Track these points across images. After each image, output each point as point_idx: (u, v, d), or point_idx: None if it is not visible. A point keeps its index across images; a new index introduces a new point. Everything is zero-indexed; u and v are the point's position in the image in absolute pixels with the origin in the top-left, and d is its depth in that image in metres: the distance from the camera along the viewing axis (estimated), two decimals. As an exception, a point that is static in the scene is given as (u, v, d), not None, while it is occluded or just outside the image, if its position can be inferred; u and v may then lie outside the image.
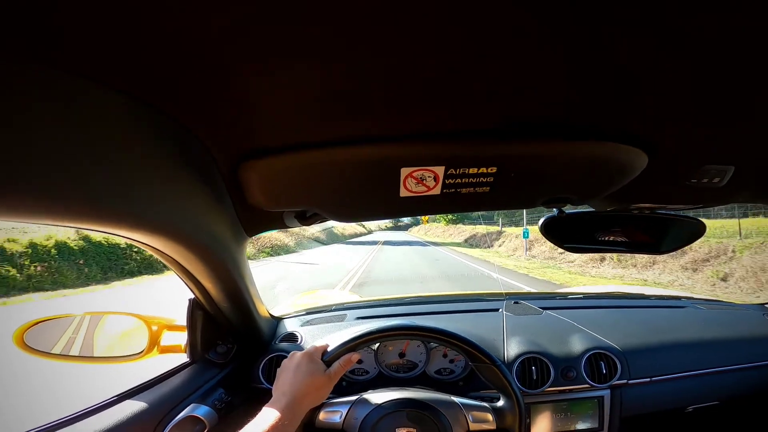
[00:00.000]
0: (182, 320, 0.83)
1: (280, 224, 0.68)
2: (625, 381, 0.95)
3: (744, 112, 0.44)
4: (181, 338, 0.85)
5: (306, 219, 0.63)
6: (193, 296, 0.77)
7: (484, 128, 0.44)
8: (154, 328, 0.80)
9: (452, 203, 0.57)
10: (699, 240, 0.75)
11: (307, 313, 1.21)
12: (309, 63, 0.31)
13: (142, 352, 0.83)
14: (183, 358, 0.87)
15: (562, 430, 0.92)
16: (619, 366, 0.95)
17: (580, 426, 0.93)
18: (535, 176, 0.53)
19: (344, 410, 0.76)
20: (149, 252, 0.56)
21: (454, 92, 0.37)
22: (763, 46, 0.32)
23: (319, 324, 1.12)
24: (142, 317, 0.80)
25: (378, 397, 0.77)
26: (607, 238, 0.75)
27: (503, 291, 1.37)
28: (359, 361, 1.01)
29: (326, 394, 0.69)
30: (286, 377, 0.65)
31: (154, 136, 0.38)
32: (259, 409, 0.66)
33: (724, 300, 1.46)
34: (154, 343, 0.83)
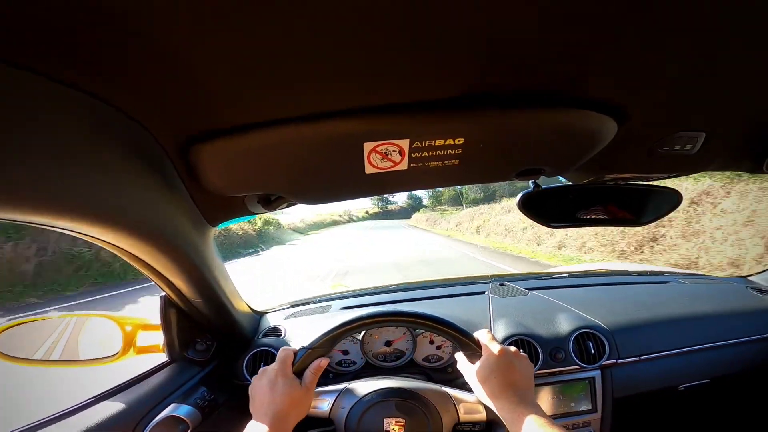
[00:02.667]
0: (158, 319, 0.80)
1: (244, 211, 0.65)
2: (614, 361, 0.95)
3: (713, 76, 0.43)
4: (159, 338, 0.83)
5: (270, 203, 0.61)
6: (164, 293, 0.74)
7: (448, 97, 0.42)
8: (128, 328, 0.77)
9: (421, 178, 0.55)
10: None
11: (291, 306, 1.19)
12: (253, 28, 0.29)
13: (117, 354, 0.80)
14: (164, 358, 0.85)
15: (555, 413, 0.91)
16: (607, 345, 0.95)
17: (574, 408, 0.92)
18: (503, 147, 0.51)
19: (331, 399, 0.75)
20: (108, 248, 0.53)
21: (415, 60, 0.35)
22: (733, 7, 0.31)
23: (304, 316, 1.10)
24: (114, 318, 0.78)
25: (365, 386, 0.76)
26: (585, 213, 0.74)
27: (489, 274, 1.36)
28: (345, 352, 0.99)
29: (309, 405, 0.66)
30: (263, 398, 0.62)
31: (88, 123, 0.35)
32: (244, 406, 0.64)
33: (706, 274, 1.47)
34: (129, 343, 0.81)
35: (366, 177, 0.51)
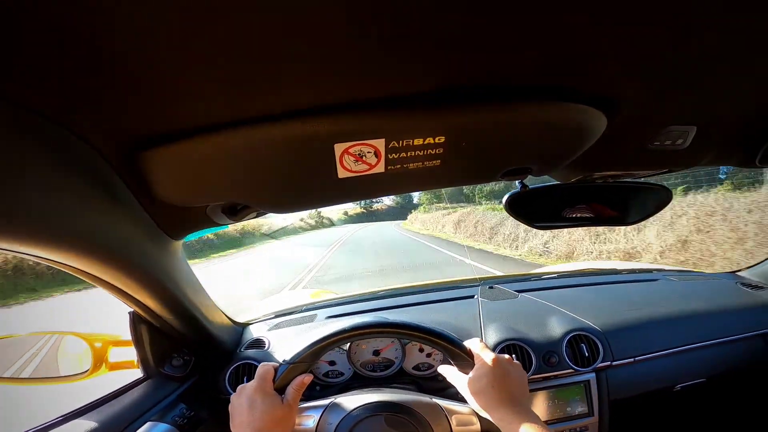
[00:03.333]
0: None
1: (209, 222, 0.60)
2: (608, 363, 0.92)
3: (706, 67, 0.41)
4: (134, 353, 0.79)
5: (236, 214, 0.57)
6: (132, 309, 0.70)
7: (427, 91, 0.39)
8: (98, 345, 0.74)
9: (400, 182, 0.52)
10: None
11: (275, 317, 1.15)
12: (201, 15, 0.25)
13: (87, 371, 0.77)
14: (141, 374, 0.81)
15: (551, 418, 0.88)
16: (600, 347, 0.93)
17: (570, 412, 0.90)
18: (488, 144, 0.47)
19: (317, 415, 0.71)
20: (59, 268, 0.49)
21: (388, 51, 0.32)
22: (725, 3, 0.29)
23: (288, 327, 1.06)
24: (82, 335, 0.74)
25: (353, 400, 0.72)
26: (574, 213, 0.72)
27: (477, 276, 1.34)
28: (332, 363, 0.96)
29: (292, 423, 0.63)
30: (242, 417, 0.59)
31: (17, 136, 0.31)
32: (228, 422, 0.61)
33: (695, 270, 1.46)
34: (100, 360, 0.77)
35: (339, 182, 0.47)
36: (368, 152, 0.43)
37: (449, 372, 0.67)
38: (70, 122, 0.35)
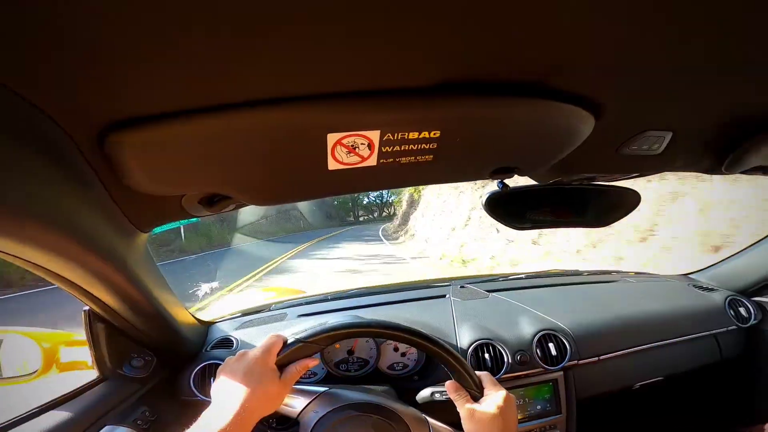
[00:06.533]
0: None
1: (182, 214, 0.56)
2: (575, 362, 0.95)
3: (686, 75, 0.42)
4: (87, 354, 0.73)
5: (214, 205, 0.53)
6: (87, 307, 0.64)
7: (425, 85, 0.38)
8: (45, 345, 0.67)
9: (392, 176, 0.50)
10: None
11: (242, 315, 1.11)
12: None
13: (36, 372, 0.70)
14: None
15: (522, 417, 0.90)
16: (568, 346, 0.95)
17: (540, 410, 0.92)
18: (481, 141, 0.47)
19: (306, 400, 0.68)
20: (8, 260, 0.43)
21: (389, 41, 0.30)
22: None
23: (257, 326, 1.02)
24: (28, 333, 0.67)
25: (347, 395, 0.70)
26: (549, 214, 0.74)
27: (448, 276, 1.36)
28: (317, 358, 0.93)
29: (280, 403, 0.59)
30: (233, 383, 0.54)
31: None
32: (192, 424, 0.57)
33: (649, 272, 1.54)
34: (50, 360, 0.71)
35: (329, 174, 0.45)
36: (362, 144, 0.41)
37: (458, 392, 0.65)
38: (33, 96, 0.31)
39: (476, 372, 0.68)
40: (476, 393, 0.64)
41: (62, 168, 0.37)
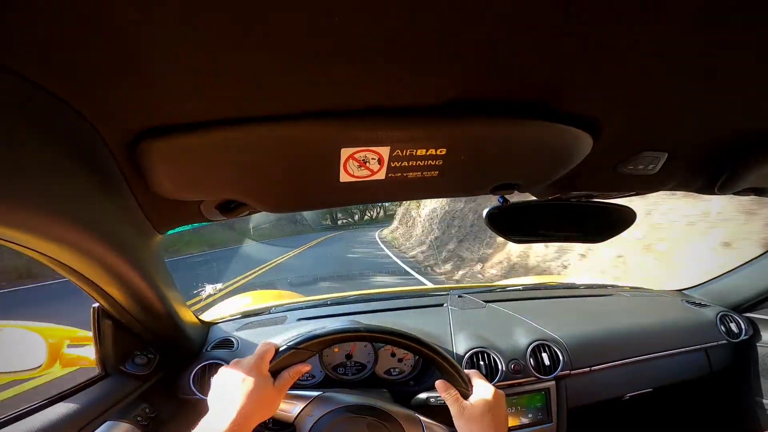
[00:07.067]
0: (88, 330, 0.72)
1: (198, 217, 0.58)
2: (568, 372, 0.97)
3: (683, 98, 0.44)
4: (90, 351, 0.74)
5: (230, 211, 0.55)
6: (97, 304, 0.66)
7: (433, 104, 0.40)
8: (51, 340, 0.68)
9: (398, 189, 0.52)
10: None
11: (243, 317, 1.12)
12: (219, 13, 0.25)
13: (40, 366, 0.71)
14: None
15: (513, 425, 0.91)
16: (561, 357, 0.97)
17: (531, 419, 0.94)
18: (484, 159, 0.50)
19: (302, 405, 0.69)
20: (28, 254, 0.45)
21: (401, 64, 0.32)
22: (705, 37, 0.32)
23: (258, 327, 1.04)
24: (35, 328, 0.69)
25: (342, 398, 0.71)
26: (548, 228, 0.76)
27: (447, 285, 1.37)
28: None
29: (275, 409, 0.61)
30: (229, 391, 0.56)
31: (19, 109, 0.29)
32: (192, 422, 0.58)
33: (644, 287, 1.57)
34: (55, 356, 0.72)
35: (339, 185, 0.47)
36: (372, 159, 0.43)
37: (448, 391, 0.67)
38: (73, 100, 0.33)
39: (465, 370, 0.70)
40: (465, 390, 0.66)
41: (94, 171, 0.39)
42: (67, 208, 0.39)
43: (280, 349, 0.63)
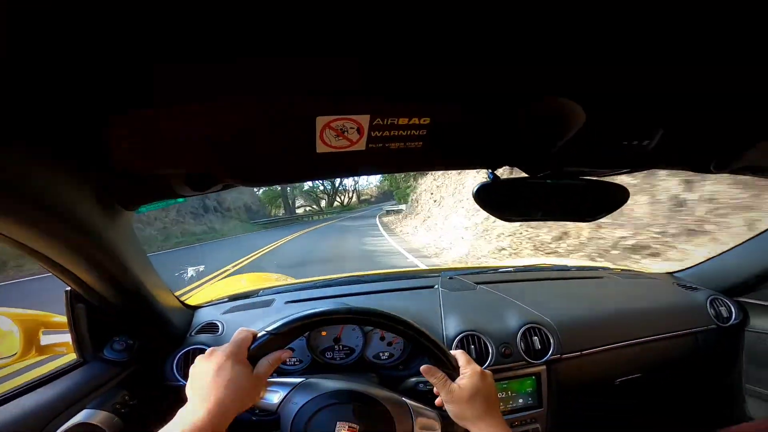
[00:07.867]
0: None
1: (169, 194, 0.55)
2: (558, 356, 0.96)
3: (679, 70, 0.42)
4: (66, 336, 0.71)
5: (202, 185, 0.52)
6: (69, 288, 0.63)
7: (417, 70, 0.37)
8: (25, 326, 0.66)
9: (380, 161, 0.50)
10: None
11: (230, 300, 1.10)
12: None
13: (15, 354, 0.69)
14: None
15: (504, 409, 0.91)
16: (552, 340, 0.97)
17: (521, 404, 0.93)
18: (472, 131, 0.47)
19: (284, 392, 0.67)
20: None
21: (383, 26, 0.30)
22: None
23: (245, 311, 1.02)
24: (7, 313, 0.66)
25: (324, 384, 0.69)
26: (539, 206, 0.74)
27: (437, 267, 1.36)
28: (291, 349, 0.93)
29: (255, 397, 0.59)
30: (206, 381, 0.54)
31: None
32: (176, 410, 0.56)
33: (635, 269, 1.56)
34: (30, 343, 0.70)
35: (317, 157, 0.45)
36: (351, 128, 0.41)
37: (435, 375, 0.66)
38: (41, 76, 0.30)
39: (451, 351, 0.68)
40: (452, 373, 0.65)
41: (51, 145, 0.37)
42: (15, 184, 0.36)
43: (258, 335, 0.60)
